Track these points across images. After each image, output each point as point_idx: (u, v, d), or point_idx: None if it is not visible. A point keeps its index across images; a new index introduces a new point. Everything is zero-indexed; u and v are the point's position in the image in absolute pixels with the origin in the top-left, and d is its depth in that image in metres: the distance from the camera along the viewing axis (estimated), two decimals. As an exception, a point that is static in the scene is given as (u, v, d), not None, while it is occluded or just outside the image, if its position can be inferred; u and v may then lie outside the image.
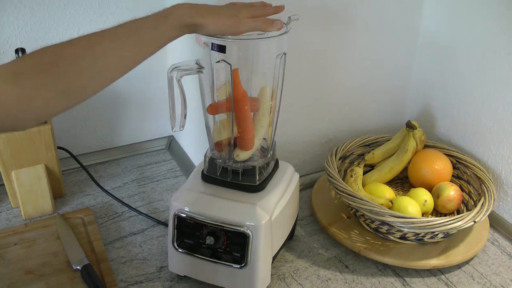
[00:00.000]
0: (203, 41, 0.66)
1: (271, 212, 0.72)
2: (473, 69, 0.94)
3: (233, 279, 0.73)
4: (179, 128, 0.72)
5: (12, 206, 0.94)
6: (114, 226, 0.90)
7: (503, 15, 0.87)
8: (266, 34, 0.65)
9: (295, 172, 0.83)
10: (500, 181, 0.92)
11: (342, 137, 1.06)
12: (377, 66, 1.02)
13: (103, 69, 0.56)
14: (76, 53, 0.54)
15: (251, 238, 0.70)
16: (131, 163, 1.10)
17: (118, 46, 0.57)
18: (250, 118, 0.72)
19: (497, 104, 0.91)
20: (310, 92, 0.96)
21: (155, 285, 0.77)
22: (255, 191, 0.74)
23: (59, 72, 0.53)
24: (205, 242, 0.71)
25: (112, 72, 0.57)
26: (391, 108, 1.10)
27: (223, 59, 0.67)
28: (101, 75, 0.56)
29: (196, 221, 0.72)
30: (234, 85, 0.69)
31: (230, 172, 0.75)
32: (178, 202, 0.74)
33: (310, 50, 0.92)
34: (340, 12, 0.91)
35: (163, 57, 1.05)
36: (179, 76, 0.68)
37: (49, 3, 0.92)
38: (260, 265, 0.71)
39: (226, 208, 0.72)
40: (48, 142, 0.89)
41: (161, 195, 0.99)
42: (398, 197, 0.87)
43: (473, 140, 0.97)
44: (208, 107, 0.74)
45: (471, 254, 0.82)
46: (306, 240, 0.88)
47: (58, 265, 0.79)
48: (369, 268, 0.82)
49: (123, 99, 1.07)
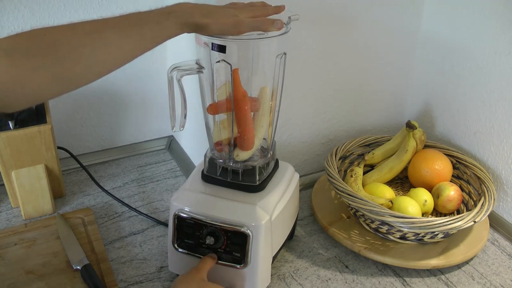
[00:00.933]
0: (204, 41, 0.66)
1: (271, 212, 0.72)
2: (473, 69, 0.94)
3: (233, 279, 0.73)
4: (179, 128, 0.72)
5: (12, 206, 0.94)
6: (114, 226, 0.90)
7: (503, 15, 0.87)
8: (266, 34, 0.65)
9: (295, 172, 0.83)
10: (500, 181, 0.92)
11: (342, 137, 1.06)
12: (377, 66, 1.02)
13: (102, 59, 0.55)
14: (78, 39, 0.53)
15: (251, 238, 0.70)
16: (131, 163, 1.10)
17: (120, 37, 0.56)
18: (250, 118, 0.72)
19: (497, 104, 0.91)
20: (310, 92, 0.96)
21: (155, 285, 0.77)
22: (255, 191, 0.74)
23: (58, 57, 0.52)
24: (205, 242, 0.71)
25: (109, 63, 0.56)
26: (391, 108, 1.10)
27: (223, 59, 0.67)
28: (98, 65, 0.55)
29: (196, 221, 0.72)
30: (234, 85, 0.69)
31: (230, 172, 0.75)
32: (178, 202, 0.74)
33: (310, 50, 0.92)
34: (340, 12, 0.91)
35: (163, 57, 1.06)
36: (179, 76, 0.68)
37: (49, 3, 0.92)
38: (260, 265, 0.71)
39: (226, 208, 0.72)
40: (48, 142, 0.89)
41: (161, 195, 0.99)
42: (398, 197, 0.87)
43: (473, 140, 0.97)
44: (208, 107, 0.74)
45: (471, 254, 0.82)
46: (306, 240, 0.88)
47: (58, 265, 0.79)
48: (369, 268, 0.82)
49: (123, 99, 1.07)
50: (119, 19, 0.57)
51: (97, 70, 0.55)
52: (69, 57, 0.52)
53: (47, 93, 0.54)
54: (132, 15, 0.58)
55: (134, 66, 1.00)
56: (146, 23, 0.58)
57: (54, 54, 0.51)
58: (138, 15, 0.58)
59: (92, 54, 0.54)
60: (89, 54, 0.53)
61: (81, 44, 0.53)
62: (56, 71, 0.52)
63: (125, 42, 0.56)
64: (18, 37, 0.52)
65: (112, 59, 0.56)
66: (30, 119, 0.89)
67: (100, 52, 0.54)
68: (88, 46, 0.53)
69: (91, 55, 0.54)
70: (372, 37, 0.98)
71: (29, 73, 0.50)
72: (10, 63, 0.49)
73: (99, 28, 0.55)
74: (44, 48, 0.51)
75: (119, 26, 0.56)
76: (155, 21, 0.58)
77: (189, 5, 0.62)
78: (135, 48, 0.58)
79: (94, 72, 0.55)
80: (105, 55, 0.55)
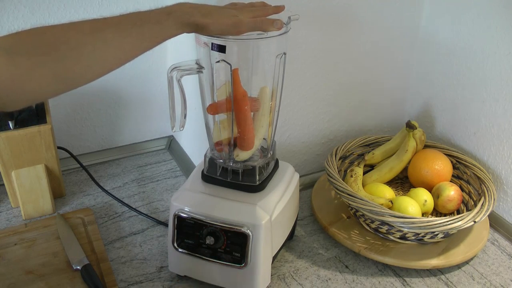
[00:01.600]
0: (203, 41, 0.66)
1: (271, 212, 0.72)
2: (473, 69, 0.94)
3: (233, 279, 0.73)
4: (179, 128, 0.72)
5: (12, 206, 0.94)
6: (114, 226, 0.90)
7: (503, 15, 0.87)
8: (266, 34, 0.65)
9: (295, 172, 0.83)
10: (500, 181, 0.92)
11: (342, 137, 1.06)
12: (377, 66, 1.02)
13: (102, 58, 0.55)
14: (79, 38, 0.53)
15: (251, 238, 0.70)
16: (131, 163, 1.10)
17: (121, 36, 0.55)
18: (250, 118, 0.72)
19: (497, 104, 0.91)
20: (310, 92, 0.96)
21: (155, 285, 0.77)
22: (255, 191, 0.74)
23: (58, 56, 0.51)
24: (205, 242, 0.71)
25: (109, 62, 0.56)
26: (391, 108, 1.11)
27: (223, 59, 0.67)
28: (98, 64, 0.55)
29: (196, 221, 0.72)
30: (234, 85, 0.69)
31: (230, 172, 0.75)
32: (178, 202, 0.74)
33: (310, 50, 0.92)
34: (340, 12, 0.91)
35: (163, 57, 1.06)
36: (179, 76, 0.68)
37: (49, 3, 0.92)
38: (260, 265, 0.71)
39: (226, 208, 0.72)
40: (48, 142, 0.89)
41: (161, 195, 0.99)
42: (398, 197, 0.87)
43: (473, 140, 0.97)
44: (208, 107, 0.74)
45: (471, 254, 0.82)
46: (306, 240, 0.88)
47: (58, 265, 0.79)
48: (369, 268, 0.82)
49: (123, 99, 1.07)
50: (119, 18, 0.57)
51: (97, 69, 0.55)
52: (69, 56, 0.52)
53: (47, 92, 0.53)
54: (132, 15, 0.58)
55: (134, 66, 1.01)
56: (146, 23, 0.57)
57: (54, 53, 0.51)
58: (138, 14, 0.58)
59: (92, 53, 0.53)
60: (89, 53, 0.53)
61: (81, 43, 0.53)
62: (56, 70, 0.51)
63: (125, 42, 0.56)
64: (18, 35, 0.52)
65: (112, 58, 0.56)
66: (30, 119, 0.89)
67: (100, 51, 0.54)
68: (88, 45, 0.53)
69: (91, 54, 0.53)
70: (372, 37, 0.98)
71: (29, 72, 0.49)
72: (10, 62, 0.49)
73: (99, 27, 0.55)
74: (44, 47, 0.51)
75: (119, 26, 0.56)
76: (155, 21, 0.58)
77: (189, 5, 0.62)
78: (135, 48, 0.58)
79: (94, 71, 0.55)
80: (105, 54, 0.55)
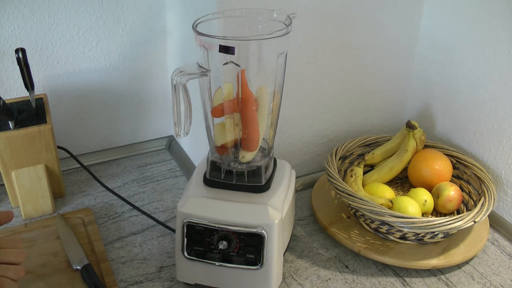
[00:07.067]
0: (203, 42, 0.66)
1: (282, 210, 0.72)
2: (473, 69, 0.94)
3: (247, 281, 0.73)
4: (183, 135, 0.72)
5: (12, 206, 0.94)
6: (114, 226, 0.90)
7: (503, 14, 0.87)
8: (266, 34, 0.65)
9: (292, 169, 0.83)
10: (500, 181, 0.92)
11: (342, 137, 1.06)
12: (377, 66, 1.02)
13: None
14: None
15: (266, 238, 0.69)
16: (131, 163, 1.10)
17: None
18: (256, 118, 0.72)
19: (497, 104, 0.91)
20: (310, 92, 0.96)
21: (155, 285, 0.77)
22: (261, 191, 0.74)
23: None
24: (218, 247, 0.70)
25: None
26: (391, 108, 1.11)
27: (232, 60, 0.66)
28: None
29: (206, 227, 0.71)
30: (242, 87, 0.68)
31: (234, 174, 0.75)
32: (185, 209, 0.72)
33: (310, 50, 0.92)
34: (340, 12, 0.91)
35: (163, 57, 1.05)
36: (185, 81, 0.67)
37: (49, 3, 0.92)
38: (275, 264, 0.71)
39: (237, 211, 0.71)
40: (48, 142, 0.89)
41: (161, 195, 0.99)
42: (398, 197, 0.87)
43: (473, 140, 0.97)
44: (212, 110, 0.73)
45: (471, 254, 0.82)
46: (306, 240, 0.88)
47: (58, 265, 0.79)
48: (369, 268, 0.82)
49: (123, 99, 1.07)
50: None
51: None
52: None
53: None
54: None
55: (134, 66, 1.01)
56: None
57: None
58: None
59: None
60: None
61: None
62: None
63: None
64: None
65: None
66: (30, 119, 0.89)
67: None
68: None
69: None
70: (372, 37, 0.98)
71: None
72: None
73: None
74: None
75: None
76: None
77: None
78: None
79: None
80: None
